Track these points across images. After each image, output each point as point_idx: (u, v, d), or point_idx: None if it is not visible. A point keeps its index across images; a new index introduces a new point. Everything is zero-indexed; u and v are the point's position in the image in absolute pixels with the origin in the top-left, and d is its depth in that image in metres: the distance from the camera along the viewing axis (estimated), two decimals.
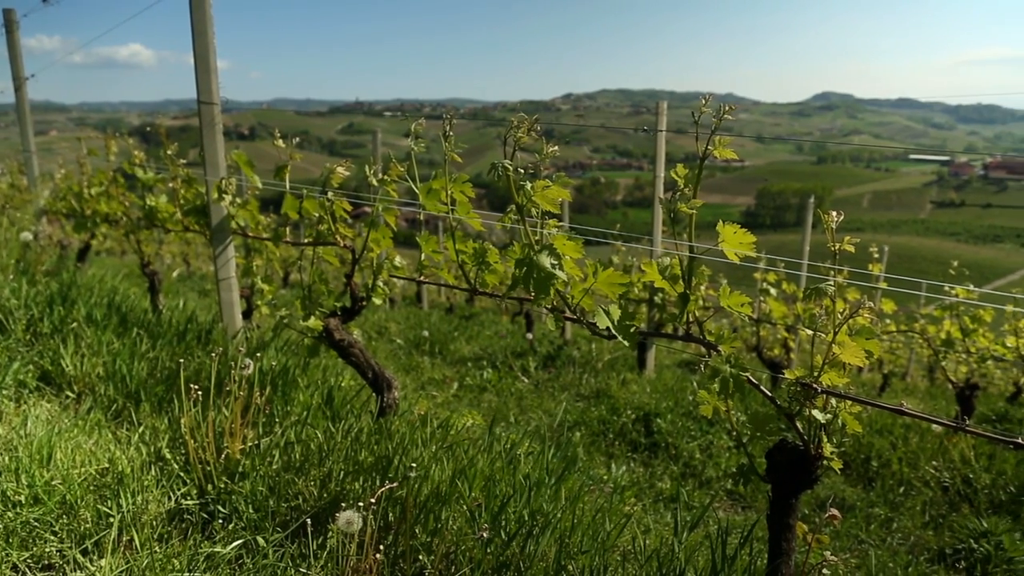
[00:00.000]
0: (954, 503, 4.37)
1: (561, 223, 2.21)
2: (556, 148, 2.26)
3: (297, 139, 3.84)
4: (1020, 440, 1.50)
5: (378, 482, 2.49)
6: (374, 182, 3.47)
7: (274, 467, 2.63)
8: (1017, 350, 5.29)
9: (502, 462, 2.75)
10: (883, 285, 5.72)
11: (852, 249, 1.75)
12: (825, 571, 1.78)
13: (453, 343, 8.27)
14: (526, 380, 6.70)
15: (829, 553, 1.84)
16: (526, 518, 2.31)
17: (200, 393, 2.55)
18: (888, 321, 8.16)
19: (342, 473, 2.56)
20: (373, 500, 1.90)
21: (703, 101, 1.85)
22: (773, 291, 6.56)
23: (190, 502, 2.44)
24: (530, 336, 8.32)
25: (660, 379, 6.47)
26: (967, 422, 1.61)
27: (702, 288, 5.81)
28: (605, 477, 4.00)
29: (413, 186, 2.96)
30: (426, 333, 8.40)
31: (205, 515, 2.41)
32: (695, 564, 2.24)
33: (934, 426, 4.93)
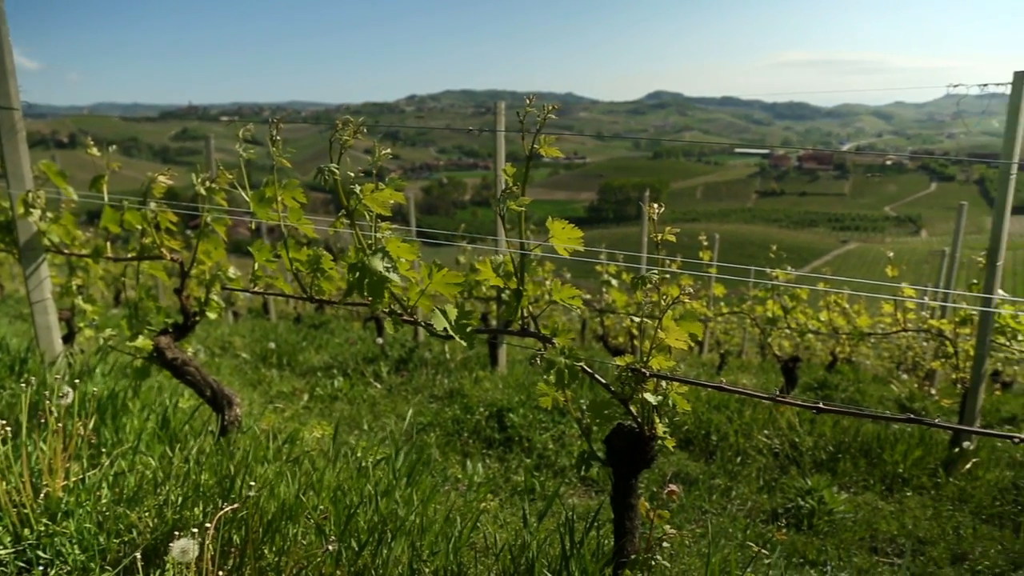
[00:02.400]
0: (784, 466, 4.74)
1: (409, 227, 2.20)
2: (389, 151, 2.24)
3: (113, 147, 3.58)
4: (821, 405, 1.64)
5: (221, 504, 2.37)
6: (201, 191, 3.30)
7: (103, 501, 2.44)
8: (830, 323, 5.81)
9: (351, 471, 2.70)
10: (713, 271, 6.12)
11: (674, 239, 1.85)
12: (666, 544, 1.88)
13: (302, 353, 8.03)
14: (379, 386, 6.61)
15: (669, 527, 1.94)
16: (377, 525, 2.27)
17: (9, 429, 2.32)
18: (722, 304, 8.73)
19: (180, 499, 2.42)
20: (210, 524, 1.81)
21: (527, 101, 1.89)
22: (614, 282, 6.84)
23: (2, 551, 2.22)
24: (381, 341, 8.22)
25: (512, 375, 6.57)
26: (778, 393, 1.75)
27: (548, 283, 5.97)
28: (460, 476, 4.02)
29: (243, 194, 2.84)
30: (273, 345, 8.10)
31: (22, 564, 2.20)
32: (547, 553, 2.29)
33: (779, 396, 5.32)
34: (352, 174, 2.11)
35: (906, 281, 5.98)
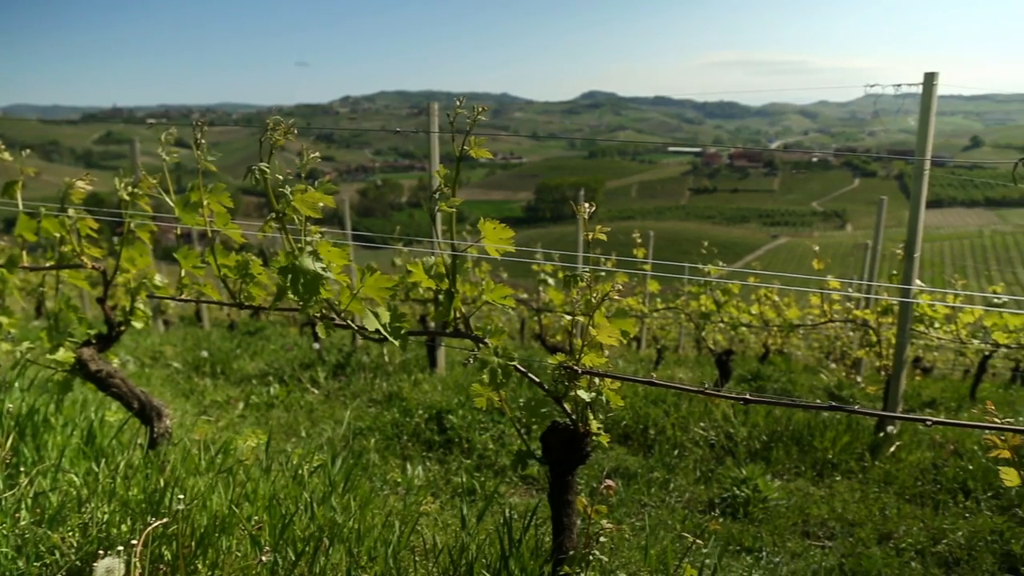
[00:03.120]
0: (720, 457, 4.84)
1: (345, 230, 2.17)
2: (318, 153, 2.21)
3: (27, 151, 3.43)
4: (748, 396, 1.69)
5: (150, 520, 2.30)
6: (124, 196, 3.19)
7: (22, 523, 2.34)
8: (762, 316, 5.98)
9: (287, 479, 2.65)
10: (647, 269, 6.22)
11: (605, 237, 1.87)
12: (603, 539, 1.90)
13: (237, 361, 7.85)
14: (316, 391, 6.51)
15: (607, 522, 1.96)
16: (314, 534, 2.24)
17: None
18: (658, 300, 8.88)
19: (106, 517, 2.34)
20: (137, 541, 1.75)
21: (457, 103, 1.89)
22: (551, 281, 6.89)
23: None
24: (318, 346, 8.09)
25: (452, 376, 6.55)
26: (711, 385, 1.79)
27: (485, 283, 5.95)
28: (399, 480, 3.99)
29: (167, 199, 2.76)
30: (206, 353, 7.89)
31: None
32: (486, 553, 2.29)
33: (708, 389, 5.44)
34: (280, 177, 2.08)
35: (833, 273, 6.19)
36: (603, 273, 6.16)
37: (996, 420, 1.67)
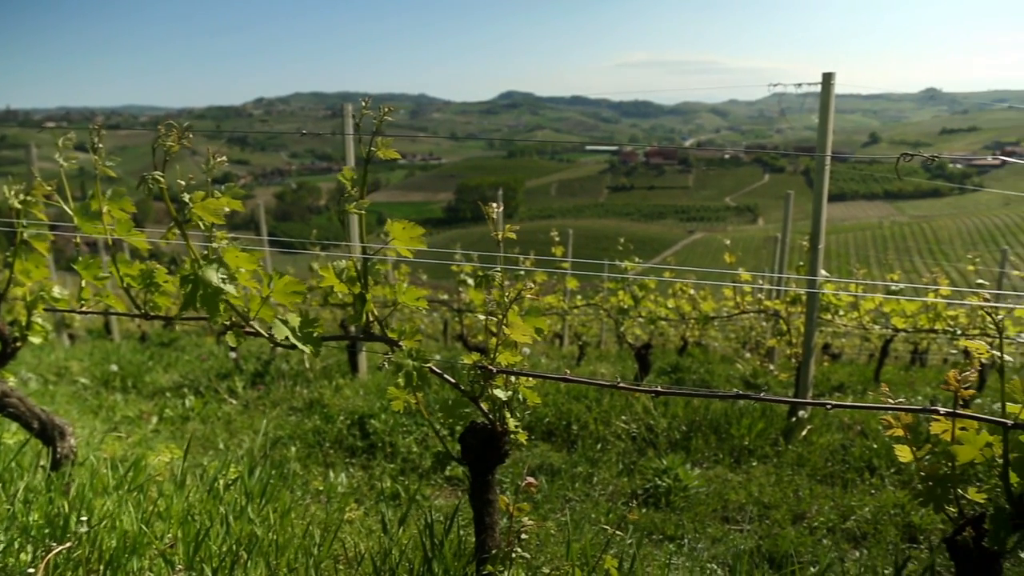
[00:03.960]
0: (641, 449, 4.94)
1: (261, 235, 2.11)
2: (225, 157, 2.15)
3: None
4: (659, 389, 1.73)
5: (52, 545, 2.19)
6: (16, 204, 3.03)
7: None
8: (678, 309, 6.13)
9: (202, 494, 2.57)
10: (566, 266, 6.29)
11: (514, 236, 1.88)
12: (524, 536, 1.91)
13: (149, 374, 7.55)
14: (234, 402, 6.33)
15: (528, 519, 1.97)
16: (232, 548, 2.18)
17: None
18: (578, 297, 8.98)
19: (3, 545, 2.21)
20: (35, 570, 1.66)
21: (363, 104, 1.86)
22: (471, 281, 6.88)
23: None
24: (235, 355, 7.87)
25: (373, 380, 6.48)
26: (617, 380, 1.82)
27: (404, 286, 5.90)
28: (321, 488, 3.92)
29: (65, 207, 2.63)
30: (115, 367, 7.57)
31: None
32: (410, 557, 2.28)
33: (620, 383, 5.54)
34: (183, 183, 2.01)
35: (746, 266, 6.40)
36: (522, 272, 6.17)
37: (890, 401, 1.75)
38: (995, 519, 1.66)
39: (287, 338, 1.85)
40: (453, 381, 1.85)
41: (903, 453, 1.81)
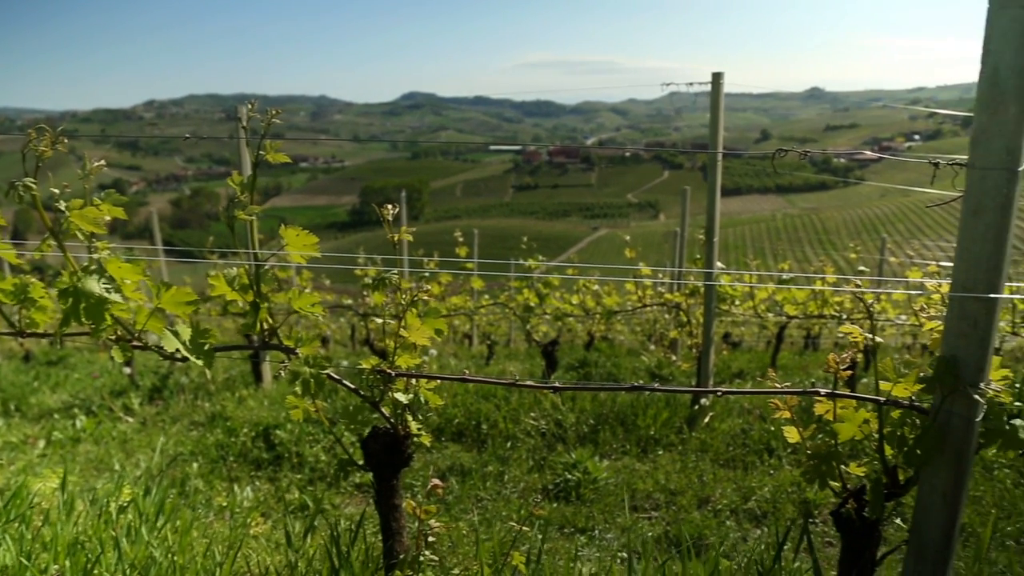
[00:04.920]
0: (551, 444, 5.00)
1: (155, 244, 2.01)
2: (103, 162, 2.06)
3: None
4: (557, 384, 1.76)
5: None
6: None
7: None
8: (582, 305, 6.23)
9: (92, 519, 2.44)
10: (470, 266, 6.30)
11: (410, 238, 1.87)
12: (431, 538, 1.90)
13: (35, 395, 7.11)
14: (131, 420, 6.04)
15: (434, 521, 1.97)
16: (126, 572, 2.08)
17: None
18: (485, 296, 9.01)
19: None
20: None
21: (249, 106, 1.81)
22: (388, 285, 6.77)
23: None
24: (129, 370, 7.51)
25: (279, 390, 6.31)
26: (516, 378, 1.84)
27: (307, 291, 5.78)
28: (225, 504, 3.79)
29: None
30: None
31: None
32: (316, 568, 2.23)
33: (529, 381, 5.58)
34: (56, 190, 1.90)
35: (649, 260, 6.57)
36: (427, 274, 6.14)
37: (777, 386, 1.84)
38: (873, 490, 1.77)
39: (178, 351, 1.78)
40: (352, 387, 1.82)
41: (791, 434, 1.90)
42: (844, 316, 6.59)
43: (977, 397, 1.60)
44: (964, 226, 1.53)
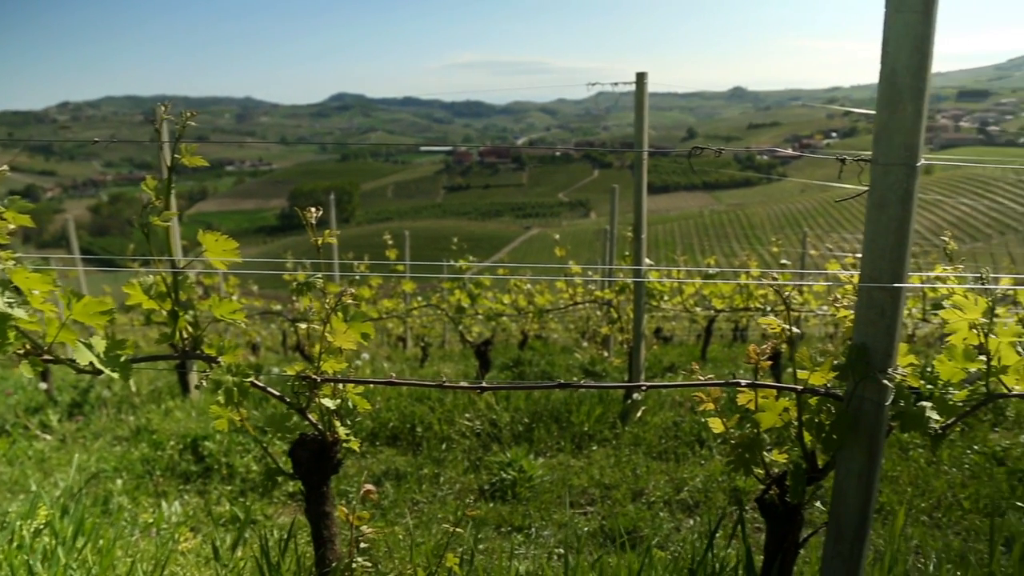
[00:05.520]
0: (486, 444, 5.01)
1: (72, 253, 1.93)
2: (6, 167, 1.97)
3: None
4: (484, 384, 1.76)
5: None
6: None
7: None
8: (514, 304, 6.26)
9: (3, 544, 2.33)
10: (401, 268, 6.26)
11: (335, 241, 1.85)
12: (365, 544, 1.88)
13: None
14: (48, 437, 5.79)
15: (367, 527, 1.95)
16: None
17: None
18: (419, 298, 8.96)
19: None
20: None
21: (163, 108, 1.76)
22: (316, 290, 6.65)
23: None
24: (45, 385, 7.19)
25: (207, 400, 6.14)
26: (445, 380, 1.84)
27: (234, 298, 5.65)
28: (151, 520, 3.67)
29: None
30: None
31: None
32: None
33: (462, 382, 5.58)
34: None
35: (581, 258, 6.65)
36: (357, 277, 6.07)
37: (701, 378, 1.89)
38: (794, 475, 1.83)
39: (91, 364, 1.71)
40: (278, 394, 1.79)
41: (715, 425, 1.96)
42: (768, 308, 6.80)
43: (886, 382, 1.67)
44: (869, 219, 1.60)
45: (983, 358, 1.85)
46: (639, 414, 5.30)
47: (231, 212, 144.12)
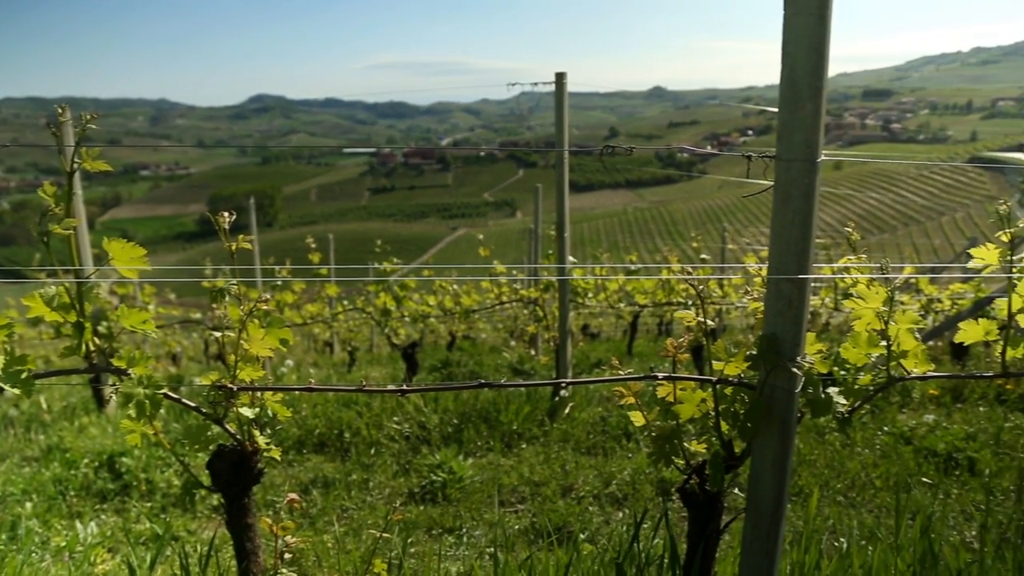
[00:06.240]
0: (415, 447, 4.97)
1: None
2: None
3: None
4: (405, 388, 1.75)
5: None
6: None
7: None
8: (440, 306, 6.24)
9: None
10: (324, 272, 6.16)
11: (250, 247, 1.81)
12: (287, 555, 1.85)
13: None
14: None
15: (291, 537, 1.91)
16: None
17: None
18: (345, 302, 8.84)
19: None
20: None
21: (60, 110, 1.69)
22: (227, 297, 6.48)
23: None
24: None
25: (125, 414, 5.91)
26: (365, 384, 1.82)
27: (152, 308, 5.46)
28: (63, 543, 3.51)
29: None
30: None
31: None
32: None
33: (390, 386, 5.51)
34: None
35: (508, 258, 6.67)
36: (279, 282, 5.93)
37: (620, 373, 1.92)
38: (712, 464, 1.89)
39: None
40: (193, 405, 1.74)
41: (636, 418, 2.00)
42: (690, 302, 6.97)
43: (795, 370, 1.74)
44: (775, 214, 1.67)
45: (885, 344, 1.94)
46: (567, 411, 5.35)
47: (147, 218, 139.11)
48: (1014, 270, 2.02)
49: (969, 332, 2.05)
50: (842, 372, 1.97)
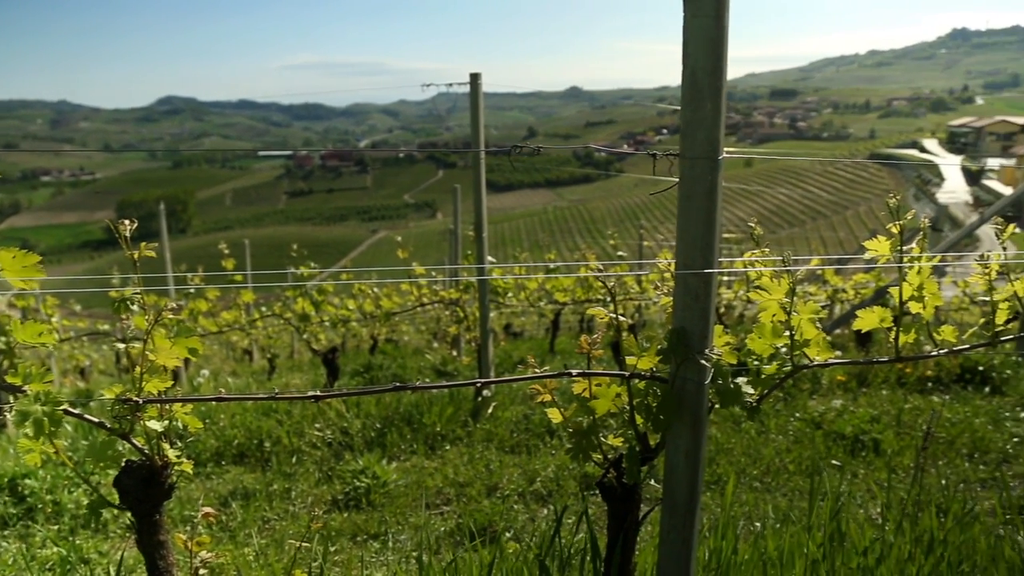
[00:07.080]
0: (338, 453, 4.90)
1: None
2: None
3: None
4: (318, 393, 1.73)
5: None
6: None
7: None
8: (360, 309, 6.17)
9: None
10: (239, 279, 6.00)
11: (153, 254, 1.75)
12: (203, 571, 1.80)
13: None
14: None
15: (205, 552, 1.86)
16: None
17: None
18: (263, 308, 8.63)
19: None
20: None
21: None
22: (135, 307, 6.24)
23: None
24: None
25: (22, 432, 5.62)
26: (279, 392, 1.79)
27: (55, 321, 5.20)
28: None
29: None
30: None
31: None
32: None
33: (308, 392, 5.41)
34: None
35: (430, 259, 6.65)
36: (192, 290, 5.76)
37: (536, 371, 1.95)
38: (629, 458, 1.93)
39: None
40: (96, 420, 1.67)
41: (554, 415, 2.02)
42: (608, 299, 7.10)
43: (704, 363, 1.80)
44: (680, 210, 1.72)
45: (788, 333, 2.03)
46: (490, 410, 5.37)
47: (50, 226, 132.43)
48: (904, 260, 2.14)
49: (866, 320, 2.16)
50: (755, 362, 2.04)
